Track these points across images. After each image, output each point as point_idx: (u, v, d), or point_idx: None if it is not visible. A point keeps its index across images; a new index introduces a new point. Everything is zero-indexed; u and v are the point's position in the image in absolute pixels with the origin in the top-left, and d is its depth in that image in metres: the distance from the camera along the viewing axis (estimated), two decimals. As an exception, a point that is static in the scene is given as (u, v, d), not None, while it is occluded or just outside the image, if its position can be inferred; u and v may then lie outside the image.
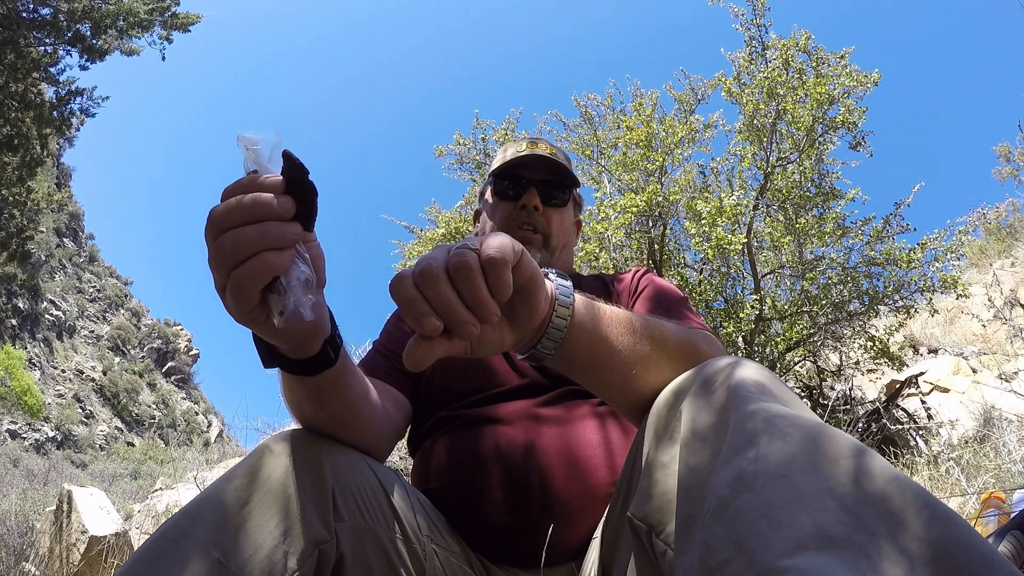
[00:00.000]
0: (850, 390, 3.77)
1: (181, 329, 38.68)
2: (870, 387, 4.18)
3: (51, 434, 22.01)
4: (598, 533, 0.76)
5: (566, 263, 1.13)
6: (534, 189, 1.04)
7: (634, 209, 3.48)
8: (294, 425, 0.72)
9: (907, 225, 3.58)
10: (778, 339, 3.68)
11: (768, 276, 3.89)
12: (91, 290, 35.15)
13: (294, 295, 0.49)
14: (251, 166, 0.49)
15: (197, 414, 33.06)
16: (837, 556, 0.38)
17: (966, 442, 2.82)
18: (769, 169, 3.54)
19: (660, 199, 3.63)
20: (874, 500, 0.41)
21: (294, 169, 0.48)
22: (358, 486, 0.63)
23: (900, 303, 3.54)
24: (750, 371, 0.58)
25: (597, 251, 3.68)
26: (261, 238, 0.47)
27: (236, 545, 0.52)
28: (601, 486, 0.83)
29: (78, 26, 8.55)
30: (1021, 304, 4.93)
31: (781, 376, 3.76)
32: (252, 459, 0.59)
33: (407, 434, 1.01)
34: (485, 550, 0.83)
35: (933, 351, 5.03)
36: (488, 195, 1.11)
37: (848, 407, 3.53)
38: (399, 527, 0.65)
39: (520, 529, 0.81)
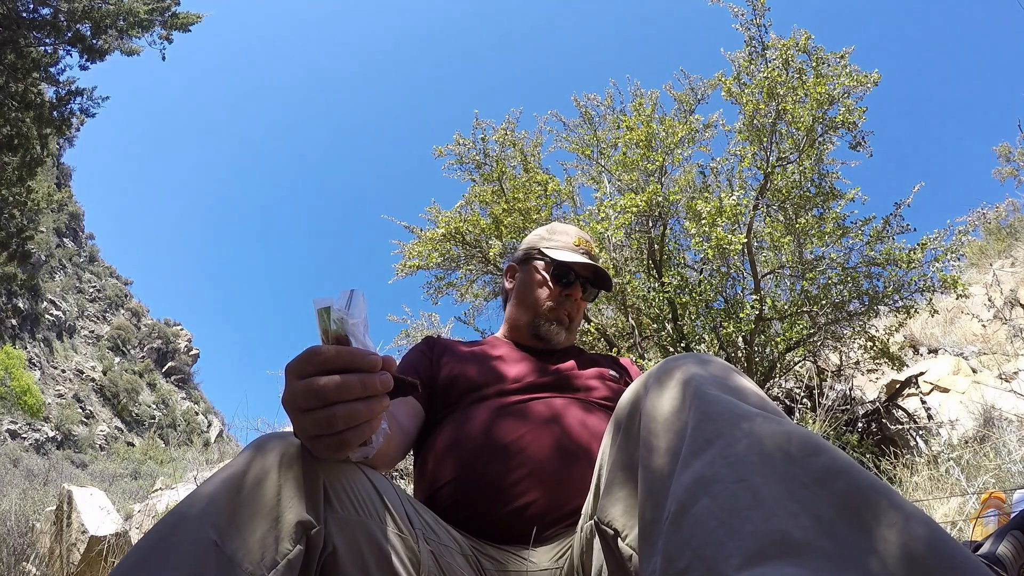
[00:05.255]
0: (850, 390, 3.77)
1: (181, 329, 38.66)
2: (870, 387, 4.18)
3: (51, 434, 22.00)
4: (579, 526, 0.78)
5: (573, 337, 1.31)
6: (579, 287, 1.24)
7: (634, 209, 3.48)
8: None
9: (907, 225, 3.57)
10: (778, 339, 3.68)
11: (768, 276, 3.88)
12: (91, 290, 35.12)
13: (374, 443, 0.62)
14: (335, 325, 0.57)
15: (197, 414, 33.04)
16: (801, 564, 0.37)
17: (966, 442, 2.82)
18: (769, 169, 3.54)
19: (660, 199, 3.63)
20: (838, 502, 0.40)
21: (407, 386, 0.62)
22: (349, 483, 0.64)
23: (900, 303, 3.53)
24: (709, 367, 0.58)
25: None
26: (369, 412, 0.56)
27: (230, 529, 0.53)
28: (583, 472, 0.87)
29: (78, 26, 8.53)
30: (1021, 304, 4.93)
31: (781, 376, 3.76)
32: (246, 453, 0.61)
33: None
34: (477, 531, 0.86)
35: (933, 351, 5.03)
36: (541, 269, 1.27)
37: (848, 407, 3.53)
38: (391, 520, 0.66)
39: (509, 509, 0.85)
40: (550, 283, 1.23)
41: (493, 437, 0.91)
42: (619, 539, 0.60)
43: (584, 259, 1.24)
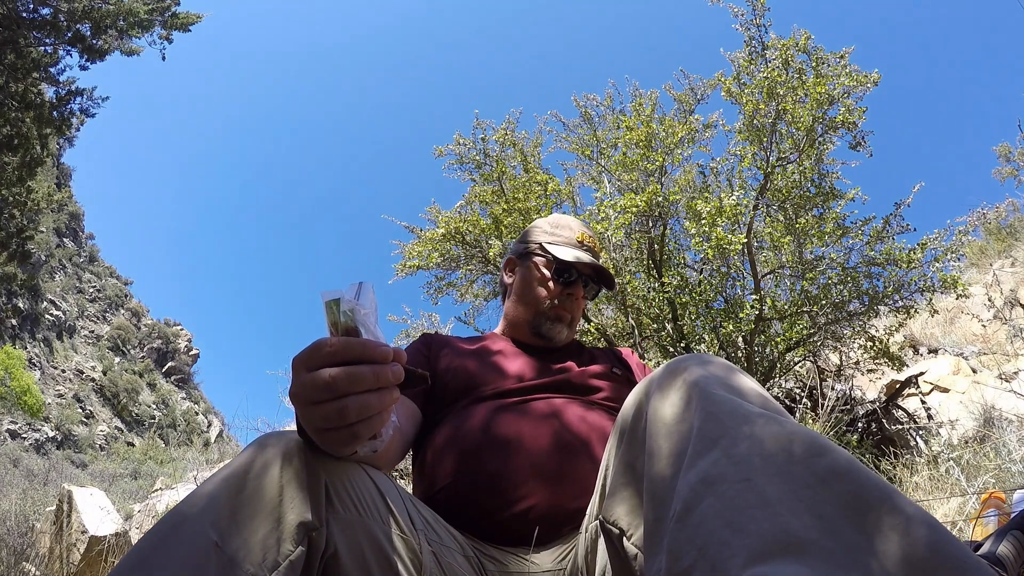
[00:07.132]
0: (850, 390, 3.77)
1: (181, 329, 38.65)
2: (870, 387, 4.18)
3: (51, 434, 22.00)
4: (583, 527, 0.78)
5: (573, 334, 1.31)
6: (581, 285, 1.22)
7: (634, 209, 3.48)
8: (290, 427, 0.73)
9: (907, 225, 3.57)
10: (778, 339, 3.68)
11: (768, 276, 3.88)
12: (91, 290, 35.12)
13: (383, 436, 0.61)
14: (344, 317, 0.56)
15: (197, 414, 33.03)
16: (804, 563, 0.37)
17: (966, 442, 2.82)
18: (769, 169, 3.54)
19: (660, 199, 3.63)
20: (841, 503, 0.41)
21: (417, 378, 0.61)
22: (351, 482, 0.64)
23: (900, 303, 3.53)
24: (712, 367, 0.58)
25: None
26: (380, 403, 0.55)
27: (231, 529, 0.53)
28: (585, 468, 0.86)
29: (78, 26, 8.53)
30: (1021, 304, 4.93)
31: (781, 376, 3.76)
32: (248, 452, 0.61)
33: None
34: (479, 532, 0.85)
35: (933, 351, 5.03)
36: (542, 266, 1.24)
37: (848, 407, 3.53)
38: (393, 521, 0.66)
39: (512, 512, 0.84)
40: (551, 281, 1.21)
41: (492, 434, 0.91)
42: (624, 538, 0.61)
43: (587, 256, 1.21)
